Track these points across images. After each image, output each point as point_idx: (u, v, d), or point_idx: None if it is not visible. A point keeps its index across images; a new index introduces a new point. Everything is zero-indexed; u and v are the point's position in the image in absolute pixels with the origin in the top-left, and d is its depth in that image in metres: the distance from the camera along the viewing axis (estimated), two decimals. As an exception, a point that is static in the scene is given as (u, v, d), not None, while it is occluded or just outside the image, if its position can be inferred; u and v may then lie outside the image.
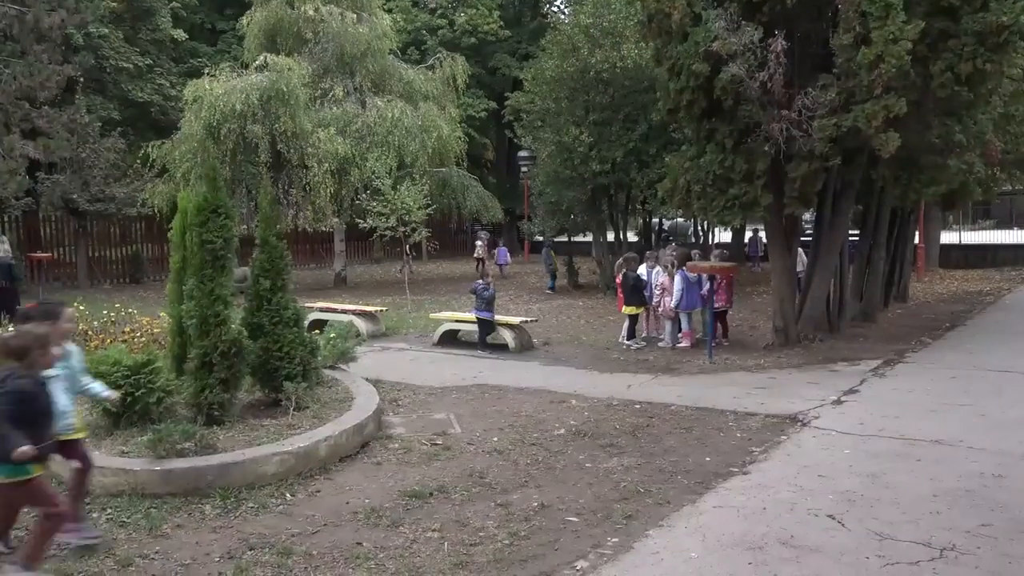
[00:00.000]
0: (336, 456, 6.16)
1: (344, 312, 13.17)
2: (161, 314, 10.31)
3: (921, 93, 9.52)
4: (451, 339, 12.08)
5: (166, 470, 5.44)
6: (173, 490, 5.38)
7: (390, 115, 20.12)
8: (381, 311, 13.74)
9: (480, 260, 24.02)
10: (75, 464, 4.79)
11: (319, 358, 7.76)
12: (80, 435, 4.86)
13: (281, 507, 5.29)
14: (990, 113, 12.20)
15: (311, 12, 21.03)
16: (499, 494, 5.49)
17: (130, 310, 11.20)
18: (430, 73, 23.26)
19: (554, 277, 19.21)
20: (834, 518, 4.88)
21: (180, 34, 26.67)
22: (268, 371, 7.06)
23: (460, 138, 23.07)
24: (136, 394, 6.21)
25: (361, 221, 16.79)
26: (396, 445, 6.66)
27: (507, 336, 11.30)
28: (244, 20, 22.74)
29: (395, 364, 10.41)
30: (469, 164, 25.63)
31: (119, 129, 22.41)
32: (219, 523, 5.02)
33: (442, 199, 21.88)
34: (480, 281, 11.66)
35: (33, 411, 4.17)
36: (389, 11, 26.71)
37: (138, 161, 21.10)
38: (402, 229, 15.88)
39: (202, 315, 6.33)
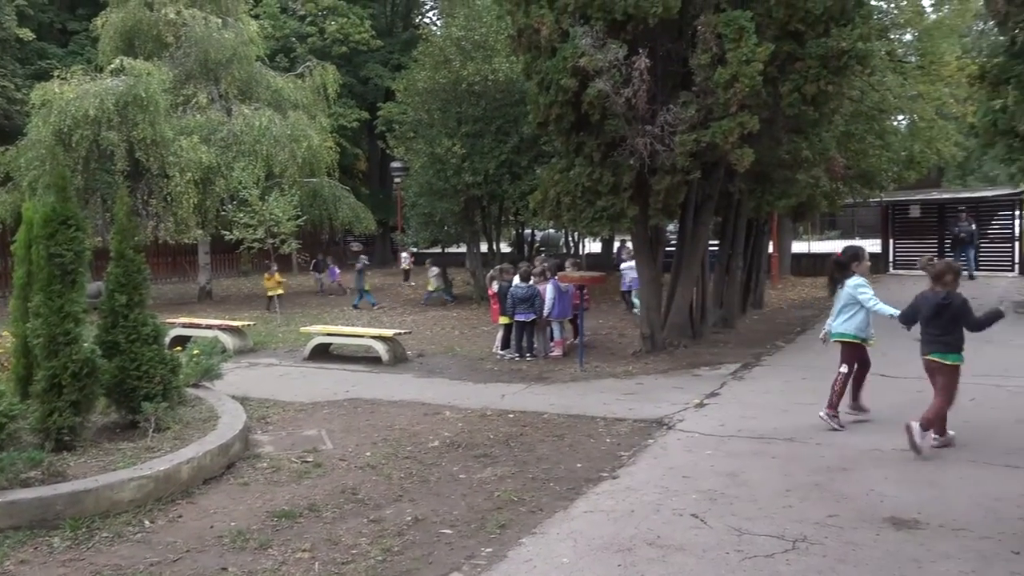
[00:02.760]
0: (200, 478, 5.91)
1: (209, 327, 12.66)
2: (3, 333, 9.60)
3: (772, 111, 10.15)
4: (323, 353, 11.84)
5: (8, 502, 5.04)
6: (17, 523, 5.00)
7: (257, 123, 19.56)
8: (249, 326, 13.30)
9: (407, 271, 24.44)
10: (843, 368, 7.16)
11: (181, 376, 7.43)
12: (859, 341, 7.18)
13: (139, 535, 5.02)
14: (833, 131, 13.15)
15: (172, 15, 20.19)
16: (372, 510, 5.41)
17: (-32, 329, 10.36)
18: (300, 81, 22.80)
19: (361, 294, 18.79)
20: (697, 517, 5.09)
21: (27, 33, 24.94)
22: (124, 391, 6.69)
23: (331, 148, 22.70)
24: (-27, 421, 5.74)
25: (227, 233, 16.22)
26: (264, 464, 6.45)
27: (380, 348, 11.17)
28: (98, 21, 21.60)
29: (264, 380, 10.10)
30: (341, 175, 25.28)
31: (-44, 133, 20.75)
32: (69, 556, 4.70)
33: (313, 210, 21.46)
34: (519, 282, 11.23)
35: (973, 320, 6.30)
36: (256, 17, 26.02)
37: (-22, 169, 19.56)
38: (271, 241, 15.46)
39: (50, 334, 5.94)
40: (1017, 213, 22.49)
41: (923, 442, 6.15)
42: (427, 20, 37.77)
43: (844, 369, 7.21)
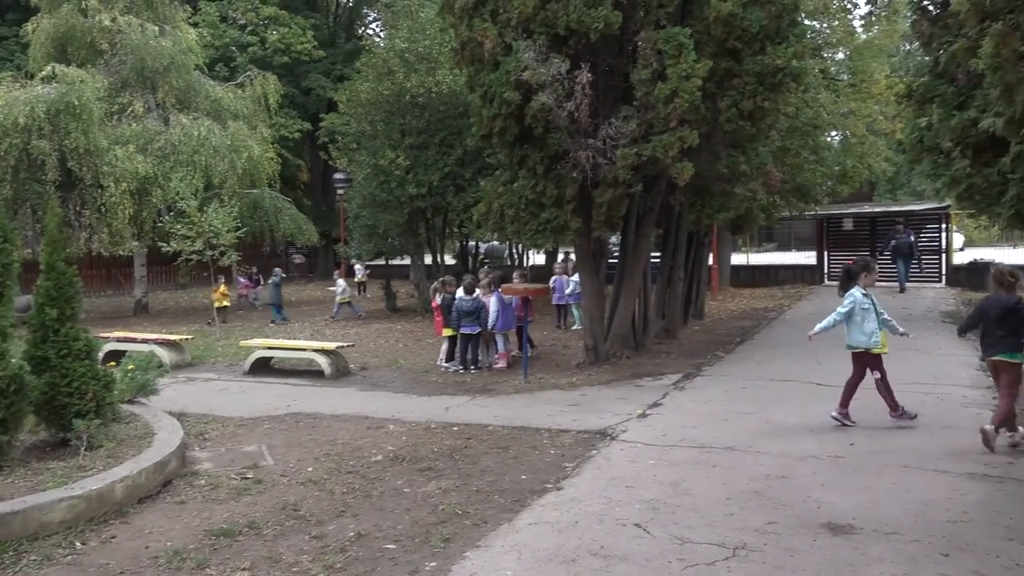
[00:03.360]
0: (134, 497, 5.74)
1: (145, 342, 12.34)
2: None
3: (711, 126, 10.37)
4: (263, 367, 11.64)
5: (-71, 525, 4.84)
6: (-62, 547, 4.79)
7: (196, 133, 19.21)
8: (186, 339, 13.00)
9: (361, 284, 24.32)
10: (876, 375, 7.44)
11: (115, 392, 7.21)
12: (884, 351, 7.51)
13: (70, 557, 4.85)
14: (769, 146, 13.51)
15: (107, 22, 19.72)
16: (314, 526, 5.33)
17: None
18: (240, 91, 22.48)
19: (277, 309, 18.39)
20: (640, 526, 5.13)
21: (-49, 38, 24.15)
22: (55, 408, 6.47)
23: (272, 159, 22.43)
24: None
25: (164, 245, 15.85)
26: (202, 481, 6.30)
27: (322, 362, 11.03)
28: (29, 27, 21.01)
29: (202, 395, 9.88)
30: (283, 186, 25.01)
31: None
32: (-5, 580, 4.53)
33: (253, 221, 21.13)
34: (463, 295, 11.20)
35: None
36: (195, 25, 25.57)
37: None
38: (210, 253, 15.17)
39: (-25, 349, 5.73)
40: (943, 226, 23.34)
41: (996, 443, 6.51)
42: (370, 31, 37.63)
43: (877, 375, 7.50)
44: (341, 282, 18.88)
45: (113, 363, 8.48)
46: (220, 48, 28.87)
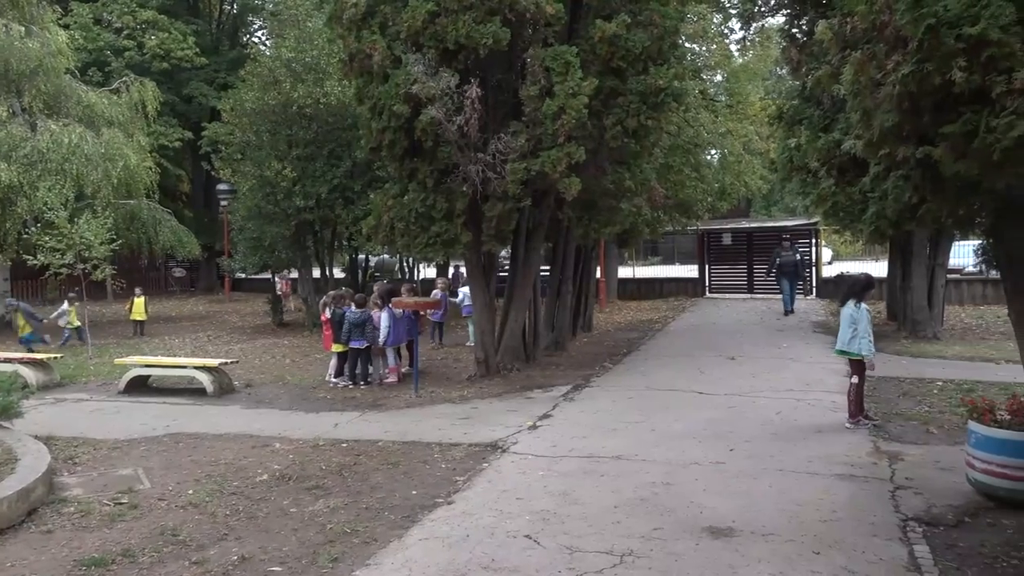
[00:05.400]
0: (-5, 528, 5.36)
1: (8, 361, 11.56)
2: None
3: (597, 143, 10.64)
4: (140, 386, 11.09)
5: None
6: None
7: (67, 140, 18.15)
8: (55, 358, 12.26)
9: (281, 296, 22.88)
10: (854, 379, 8.01)
11: (-27, 416, 6.74)
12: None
13: (-81, 596, 4.49)
14: (653, 163, 13.97)
15: (-35, 20, 18.43)
16: (194, 551, 5.11)
17: None
18: (115, 97, 21.41)
19: (28, 339, 16.11)
20: (531, 537, 5.18)
21: None
22: (-97, 435, 5.98)
23: (151, 168, 21.47)
24: None
25: (31, 258, 14.90)
26: (72, 508, 5.95)
27: (204, 379, 10.61)
28: None
29: (72, 417, 9.34)
30: (162, 196, 24.03)
31: None
32: None
33: (130, 233, 20.15)
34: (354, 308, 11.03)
35: None
36: (66, 27, 24.23)
37: None
38: (81, 266, 14.37)
39: None
40: (813, 241, 24.68)
41: None
42: (256, 40, 36.66)
43: (855, 380, 8.03)
44: (64, 307, 17.32)
45: (-29, 385, 7.89)
46: (94, 52, 27.43)
